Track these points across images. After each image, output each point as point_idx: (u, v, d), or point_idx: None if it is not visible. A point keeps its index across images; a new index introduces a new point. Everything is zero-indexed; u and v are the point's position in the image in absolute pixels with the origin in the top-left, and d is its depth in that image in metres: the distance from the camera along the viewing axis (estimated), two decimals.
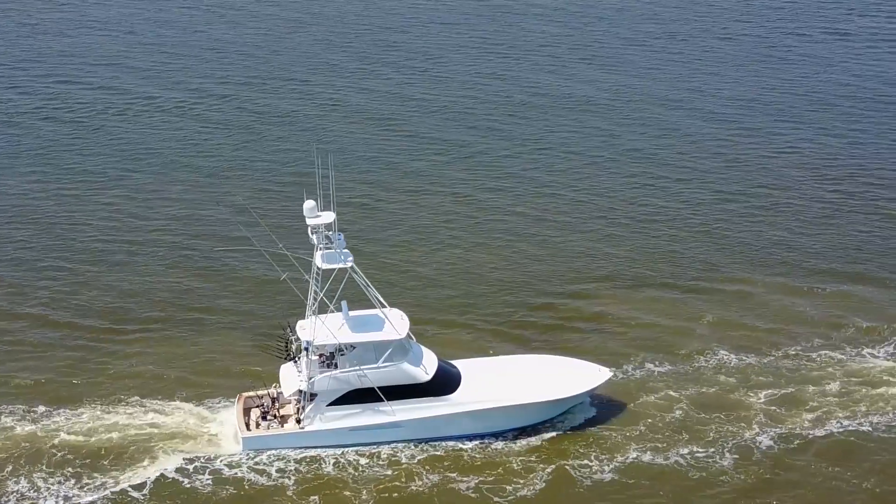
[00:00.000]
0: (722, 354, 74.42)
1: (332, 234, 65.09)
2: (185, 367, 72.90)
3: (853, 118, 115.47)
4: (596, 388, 67.96)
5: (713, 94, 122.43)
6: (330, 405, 65.47)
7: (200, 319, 78.62)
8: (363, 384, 65.19)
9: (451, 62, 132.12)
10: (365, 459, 64.48)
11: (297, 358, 67.19)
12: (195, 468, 63.30)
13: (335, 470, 63.76)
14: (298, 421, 66.06)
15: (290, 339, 67.99)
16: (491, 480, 62.93)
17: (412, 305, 71.01)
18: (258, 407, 67.41)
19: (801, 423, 67.45)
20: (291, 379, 66.41)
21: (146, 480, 62.28)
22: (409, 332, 66.59)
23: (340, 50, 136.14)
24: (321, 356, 65.86)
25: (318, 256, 65.21)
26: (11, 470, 63.11)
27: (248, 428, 65.90)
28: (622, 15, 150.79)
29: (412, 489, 62.40)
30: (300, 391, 65.70)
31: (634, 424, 67.32)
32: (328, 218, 64.71)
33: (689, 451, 65.08)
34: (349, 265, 65.19)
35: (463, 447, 65.44)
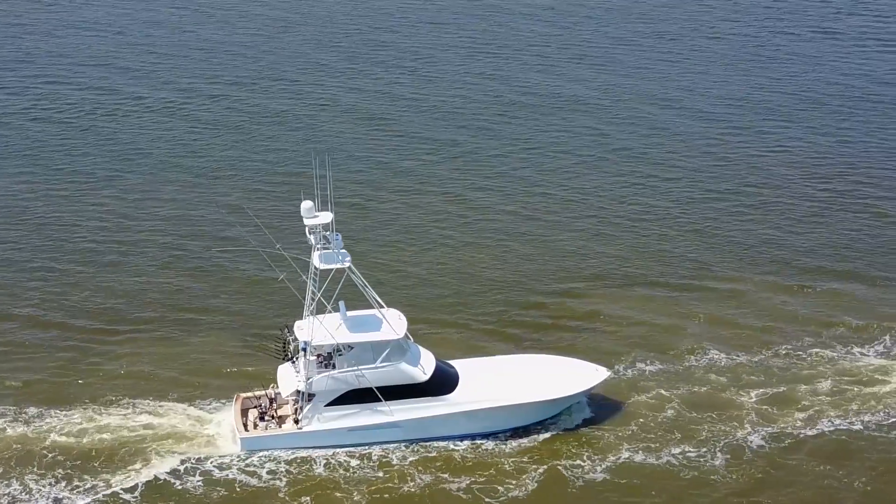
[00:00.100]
0: (713, 353, 74.52)
1: (329, 234, 65.00)
2: (177, 367, 72.74)
3: (842, 116, 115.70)
4: (593, 387, 68.01)
5: (702, 92, 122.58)
6: (328, 405, 65.38)
7: (193, 320, 78.45)
8: (361, 384, 65.12)
9: (440, 61, 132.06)
10: (356, 461, 64.40)
11: (294, 358, 67.09)
12: (189, 470, 63.12)
13: (327, 471, 63.67)
14: (296, 421, 65.98)
15: (287, 339, 67.87)
16: (483, 481, 62.90)
17: (403, 305, 70.96)
18: (256, 407, 67.31)
19: (792, 422, 67.58)
20: (289, 379, 66.31)
21: (138, 482, 62.10)
22: (406, 332, 66.58)
23: (330, 49, 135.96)
24: (319, 356, 65.78)
25: (315, 257, 65.06)
26: (2, 472, 62.81)
27: (245, 429, 65.83)
28: (611, 14, 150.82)
29: (404, 490, 62.35)
30: (298, 391, 65.61)
31: (626, 424, 67.37)
32: (326, 218, 64.59)
33: (681, 450, 65.18)
34: (347, 265, 65.12)
35: (455, 448, 65.40)
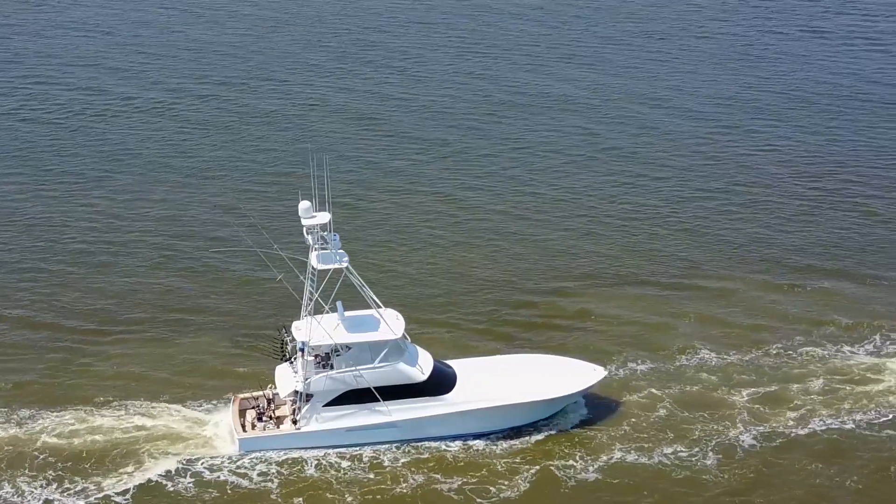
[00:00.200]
0: (704, 353, 74.61)
1: (327, 234, 64.93)
2: (169, 368, 72.67)
3: (830, 115, 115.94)
4: (591, 387, 68.02)
5: (691, 92, 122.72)
6: (326, 406, 65.33)
7: (184, 320, 78.34)
8: (359, 384, 65.08)
9: (430, 61, 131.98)
10: (347, 462, 64.35)
11: (292, 359, 67.02)
12: (184, 471, 63.05)
13: (318, 472, 63.63)
14: (295, 422, 65.89)
15: (285, 339, 67.78)
16: (475, 482, 62.92)
17: (394, 305, 70.80)
18: (254, 408, 67.22)
19: (784, 421, 67.69)
20: (287, 380, 66.28)
21: (132, 484, 62.05)
22: (404, 332, 66.51)
23: (319, 49, 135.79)
24: (317, 357, 65.75)
25: (313, 257, 64.99)
26: None
27: (244, 429, 65.70)
28: (600, 14, 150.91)
29: (396, 491, 62.31)
30: (296, 392, 65.52)
31: (619, 424, 67.44)
32: (323, 218, 64.50)
33: (673, 450, 65.23)
34: (345, 265, 65.05)
35: (447, 449, 65.41)
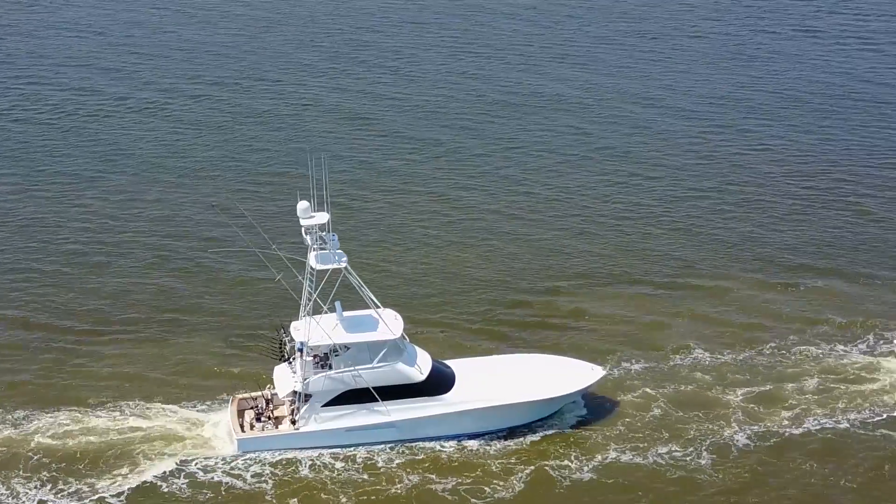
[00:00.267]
0: (698, 352, 74.60)
1: (326, 234, 64.81)
2: (164, 368, 72.46)
3: (823, 114, 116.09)
4: (589, 386, 68.01)
5: (684, 91, 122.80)
6: (325, 406, 65.23)
7: (179, 321, 78.15)
8: (358, 384, 64.99)
9: (423, 61, 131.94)
10: (342, 463, 64.23)
11: (291, 359, 66.92)
12: (178, 472, 62.85)
13: (312, 473, 63.47)
14: (293, 422, 65.77)
15: (283, 340, 67.66)
16: (470, 482, 62.82)
17: (388, 304, 70.78)
18: (252, 408, 67.11)
19: (778, 420, 67.68)
20: (286, 380, 66.16)
21: (126, 485, 61.88)
22: (402, 332, 66.43)
23: (312, 49, 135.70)
24: (315, 357, 65.67)
25: (311, 257, 64.90)
26: None
27: (242, 430, 65.56)
28: (592, 13, 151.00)
29: (391, 492, 62.21)
30: (295, 392, 65.42)
31: (613, 423, 67.39)
32: (322, 219, 64.41)
33: (667, 450, 65.19)
34: (343, 265, 64.98)
35: (442, 449, 65.30)
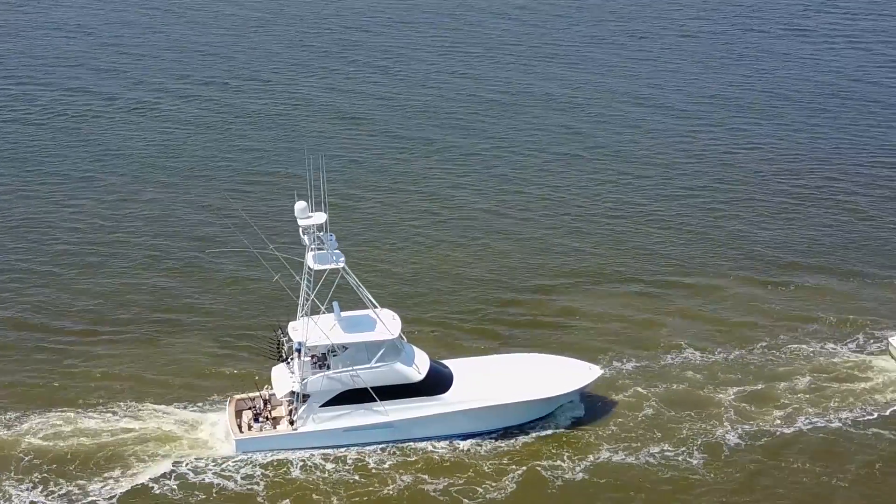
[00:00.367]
0: (690, 351, 74.68)
1: (323, 234, 64.74)
2: (158, 369, 72.37)
3: (812, 113, 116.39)
4: (587, 385, 68.06)
5: (674, 90, 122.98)
6: (323, 406, 65.21)
7: (173, 321, 78.08)
8: (356, 384, 64.98)
9: (413, 60, 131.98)
10: (333, 464, 64.19)
11: (289, 359, 66.86)
12: (171, 474, 62.74)
13: (304, 474, 63.43)
14: (291, 422, 65.75)
15: (281, 340, 67.60)
16: (462, 483, 62.81)
17: (382, 304, 70.82)
18: (250, 409, 67.07)
19: (770, 419, 67.78)
20: (284, 380, 66.14)
21: (118, 487, 61.74)
22: (401, 332, 66.44)
23: (302, 49, 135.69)
24: (313, 357, 65.65)
25: (309, 257, 64.88)
26: None
27: (240, 430, 65.50)
28: (582, 13, 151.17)
29: (383, 492, 62.19)
30: (293, 392, 65.40)
31: (605, 423, 67.45)
32: (320, 219, 64.35)
33: (660, 449, 65.26)
34: (341, 266, 64.95)
35: (434, 449, 65.32)
